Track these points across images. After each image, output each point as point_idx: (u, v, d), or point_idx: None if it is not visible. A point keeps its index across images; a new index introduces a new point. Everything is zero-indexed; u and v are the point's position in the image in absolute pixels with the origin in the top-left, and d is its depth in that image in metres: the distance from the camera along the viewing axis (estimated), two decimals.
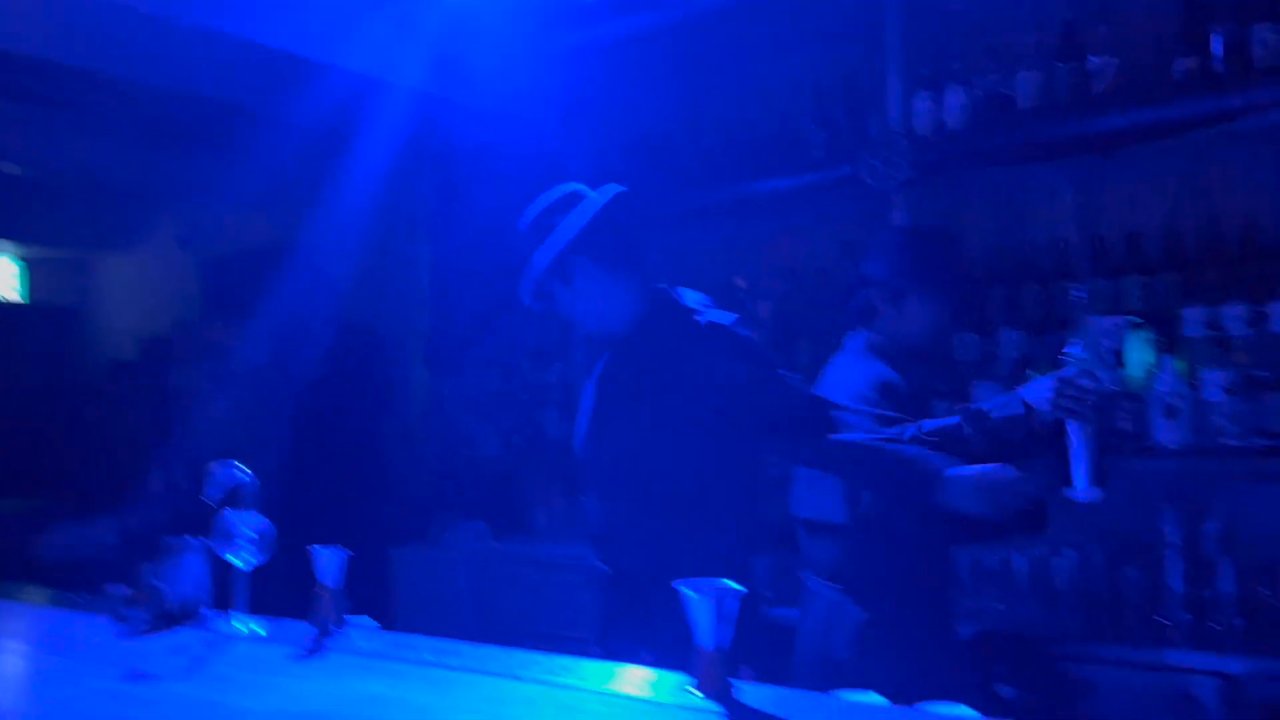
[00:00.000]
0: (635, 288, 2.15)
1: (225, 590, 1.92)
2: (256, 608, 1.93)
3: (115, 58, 3.60)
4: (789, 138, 3.62)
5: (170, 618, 1.94)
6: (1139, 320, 3.05)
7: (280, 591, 2.00)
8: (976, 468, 1.94)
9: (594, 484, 2.13)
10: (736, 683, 1.36)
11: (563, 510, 4.18)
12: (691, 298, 2.22)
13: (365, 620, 1.82)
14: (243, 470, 1.88)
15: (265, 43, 3.34)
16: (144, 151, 5.16)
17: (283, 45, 3.41)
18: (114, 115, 4.72)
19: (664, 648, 1.53)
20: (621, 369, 2.14)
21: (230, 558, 1.86)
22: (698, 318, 2.09)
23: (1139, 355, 3.04)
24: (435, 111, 3.90)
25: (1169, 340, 2.93)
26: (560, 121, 4.01)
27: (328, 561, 1.76)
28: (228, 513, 1.88)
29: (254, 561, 1.86)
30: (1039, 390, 2.01)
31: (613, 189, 2.18)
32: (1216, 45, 2.86)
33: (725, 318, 2.11)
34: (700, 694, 1.36)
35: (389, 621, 4.29)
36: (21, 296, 6.89)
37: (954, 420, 2.05)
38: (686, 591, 1.35)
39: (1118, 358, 2.98)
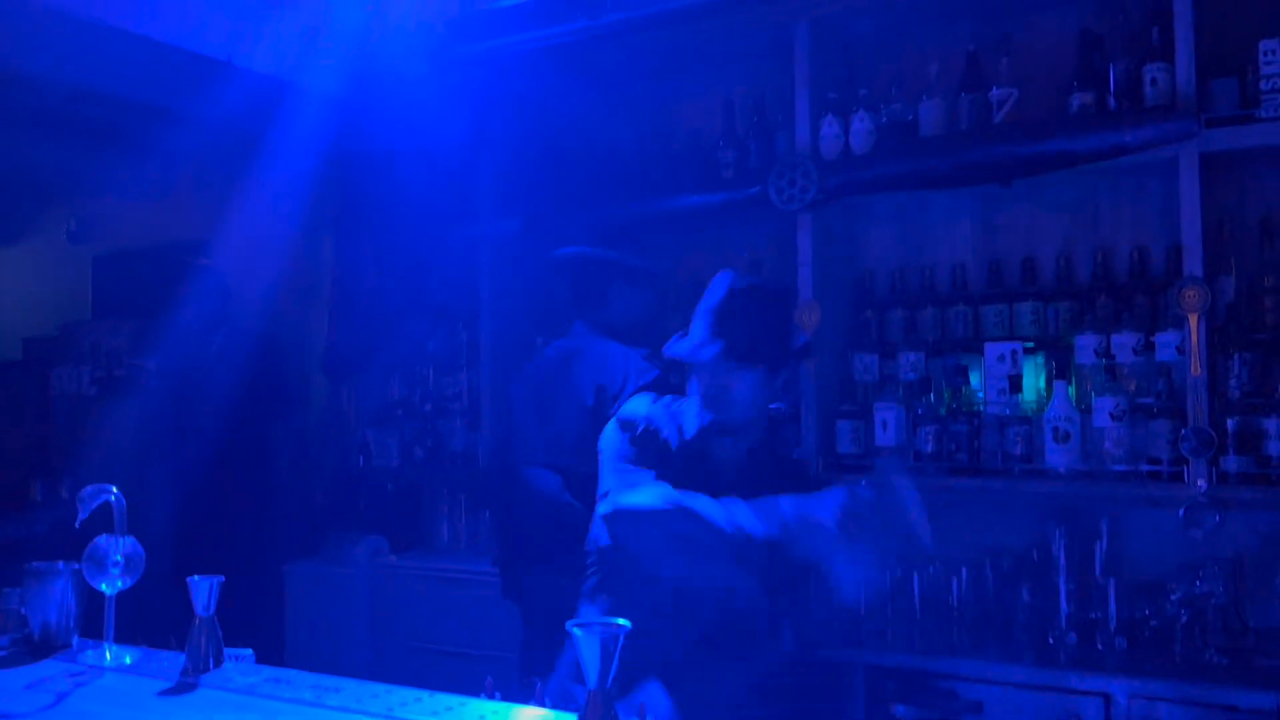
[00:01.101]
0: None
1: (94, 618, 1.82)
2: (138, 635, 1.84)
3: (7, 50, 3.43)
4: (702, 155, 3.63)
5: (34, 646, 1.83)
6: (1032, 345, 3.15)
7: (163, 611, 1.91)
8: None
9: None
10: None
11: (465, 525, 4.12)
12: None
13: (244, 652, 1.74)
14: (112, 492, 1.79)
15: (168, 40, 3.23)
16: (34, 141, 4.93)
17: (187, 44, 3.29)
18: (3, 107, 4.51)
19: None
20: None
21: (101, 585, 1.77)
22: None
23: (1031, 380, 3.13)
24: (342, 115, 3.80)
25: (1061, 366, 3.01)
26: (470, 131, 3.95)
27: (202, 590, 1.68)
28: (101, 538, 1.78)
29: (120, 586, 1.78)
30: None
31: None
32: (1111, 82, 2.95)
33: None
34: None
35: (282, 638, 4.20)
36: None
37: None
38: (575, 631, 1.32)
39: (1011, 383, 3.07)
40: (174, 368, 4.34)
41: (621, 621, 1.35)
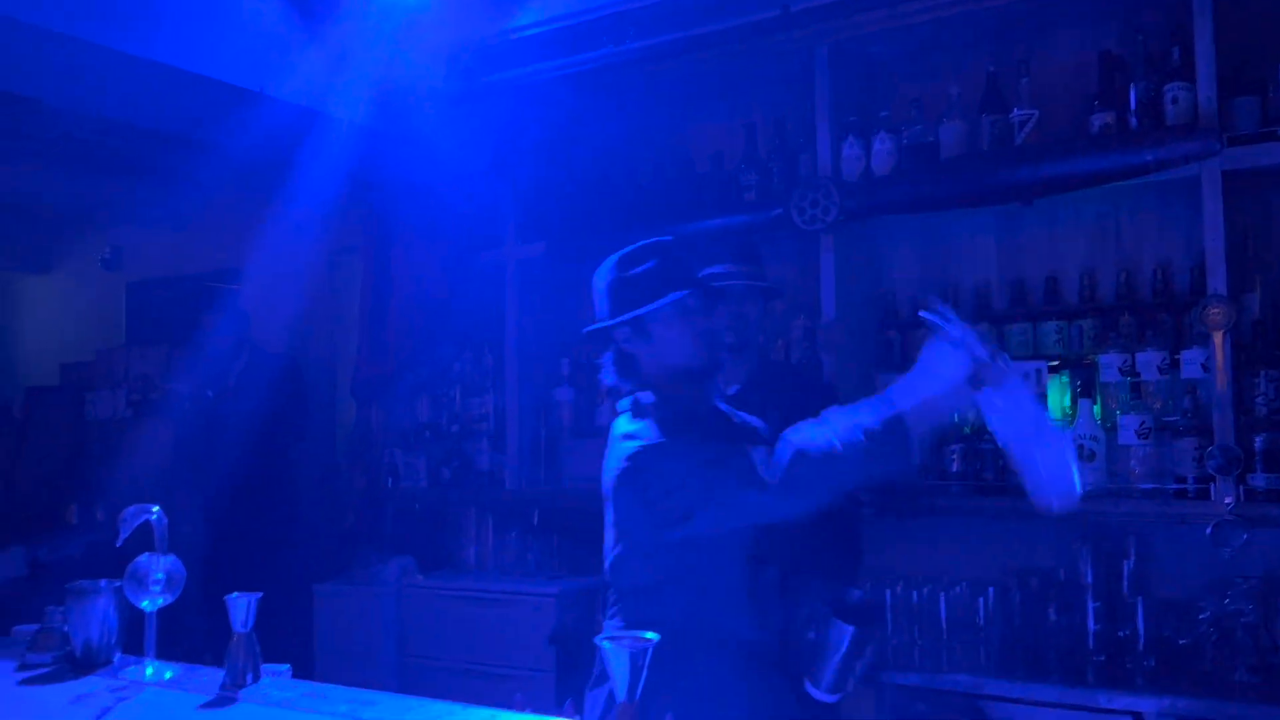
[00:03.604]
0: None
1: (135, 636, 1.86)
2: (170, 652, 1.88)
3: (39, 83, 3.51)
4: (724, 178, 3.67)
5: (76, 663, 1.88)
6: (1056, 364, 3.15)
7: (199, 633, 1.95)
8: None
9: None
10: None
11: (492, 544, 4.15)
12: None
13: (280, 668, 1.78)
14: (153, 512, 1.84)
15: (201, 72, 3.30)
16: (69, 173, 5.05)
17: (220, 75, 3.36)
18: (36, 137, 4.62)
19: None
20: None
21: (142, 603, 1.81)
22: None
23: (1056, 398, 3.13)
24: (369, 143, 3.87)
25: (1085, 384, 3.01)
26: (494, 157, 4.01)
27: (240, 608, 1.72)
28: (143, 557, 1.83)
29: (161, 603, 1.82)
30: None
31: None
32: (1132, 101, 2.97)
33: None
34: None
35: (311, 658, 4.23)
36: None
37: None
38: (604, 645, 1.35)
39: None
40: (203, 392, 4.40)
41: (650, 635, 1.37)
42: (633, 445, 2.02)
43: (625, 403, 2.18)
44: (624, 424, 2.13)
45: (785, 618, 2.14)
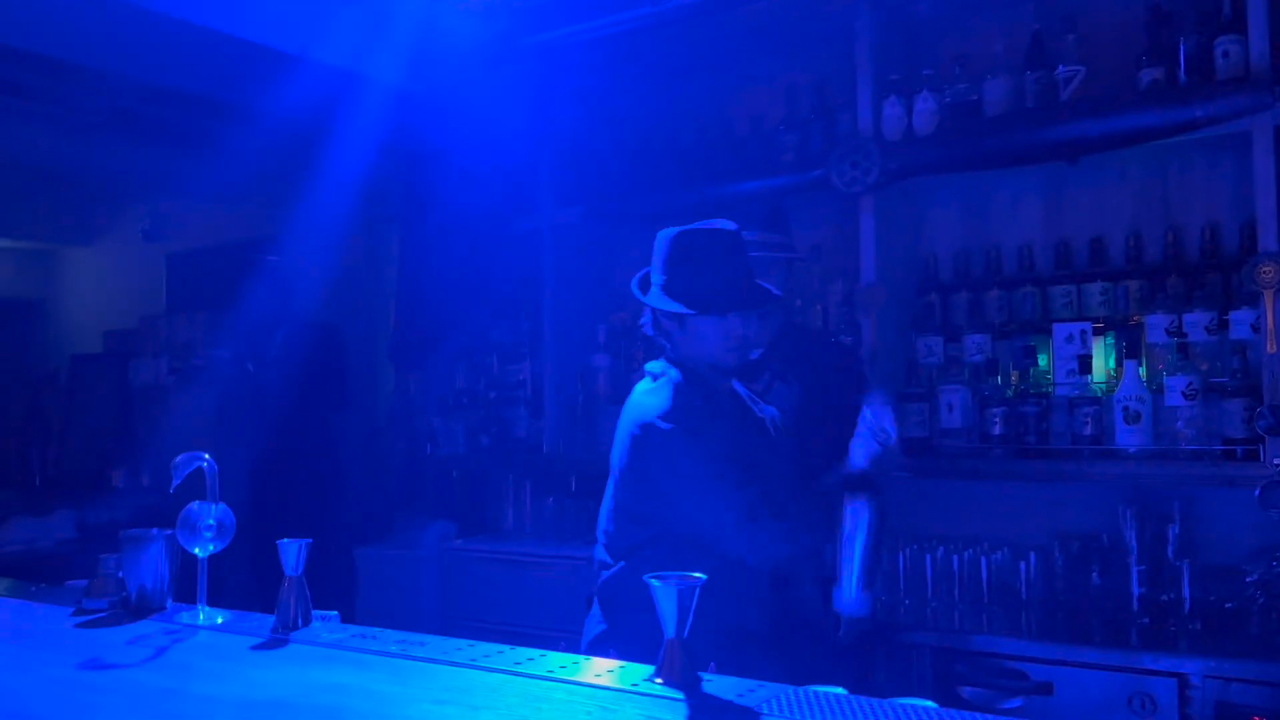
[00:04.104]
0: None
1: (187, 581, 1.90)
2: (217, 600, 1.91)
3: (81, 46, 3.55)
4: (762, 140, 3.64)
5: (131, 608, 1.91)
6: (1101, 326, 3.11)
7: (240, 590, 1.98)
8: None
9: None
10: (700, 673, 1.36)
11: (530, 509, 4.17)
12: None
13: (329, 614, 1.81)
14: (205, 459, 1.86)
15: (236, 34, 3.31)
16: (110, 142, 5.09)
17: (260, 38, 3.37)
18: (79, 105, 4.66)
19: None
20: None
21: (194, 549, 1.84)
22: None
23: (1101, 361, 3.09)
24: (407, 108, 3.88)
25: (1131, 345, 2.98)
26: (532, 120, 4.00)
27: (291, 552, 1.74)
28: (194, 504, 1.86)
29: (213, 549, 1.85)
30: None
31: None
32: (1181, 56, 2.91)
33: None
34: (662, 682, 1.36)
35: (353, 619, 4.28)
36: None
37: None
38: (652, 582, 1.35)
39: (1081, 363, 3.04)
40: (244, 359, 4.45)
41: (697, 575, 1.38)
42: (649, 416, 2.13)
43: (656, 365, 2.22)
44: (645, 386, 2.22)
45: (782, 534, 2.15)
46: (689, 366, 2.20)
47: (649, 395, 2.16)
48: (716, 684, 1.34)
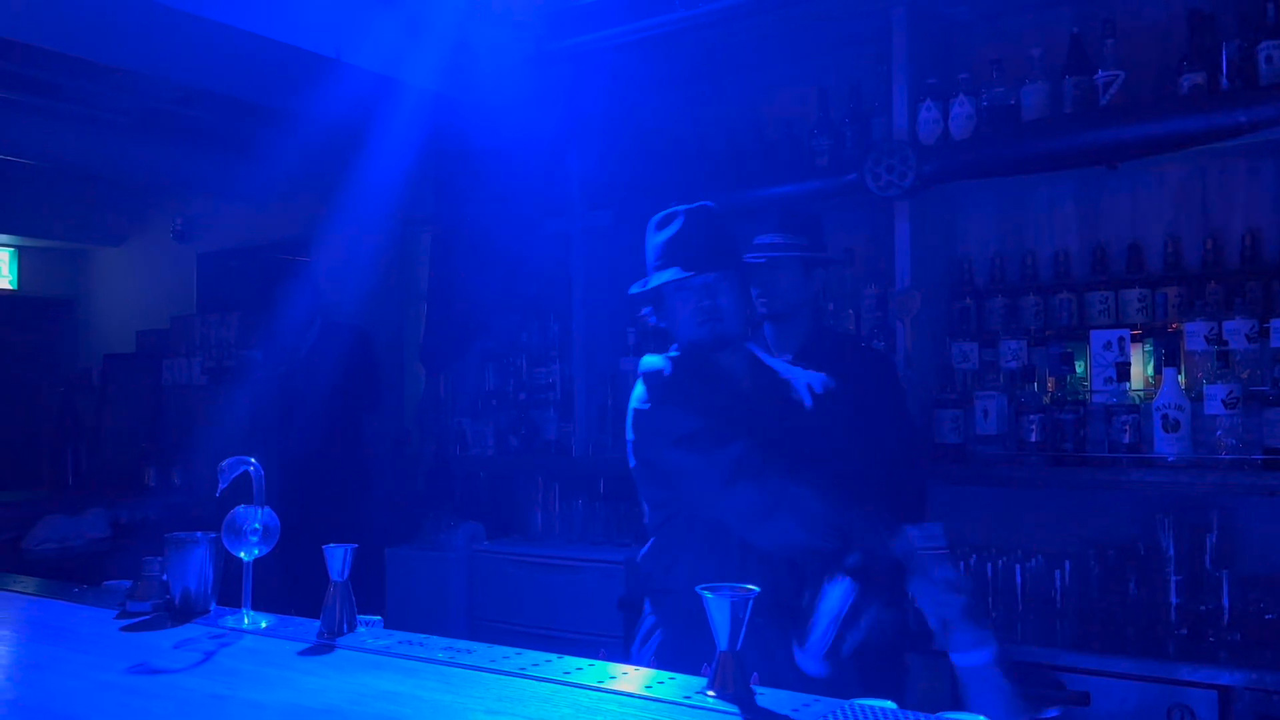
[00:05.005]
0: None
1: (232, 585, 1.91)
2: (260, 604, 1.92)
3: (116, 49, 3.57)
4: (795, 144, 3.63)
5: (175, 611, 1.93)
6: (1139, 332, 3.09)
7: (271, 591, 1.99)
8: None
9: None
10: (753, 686, 1.36)
11: (559, 512, 4.18)
12: None
13: (373, 619, 1.81)
14: (251, 463, 1.87)
15: (273, 37, 3.32)
16: (143, 144, 5.15)
17: (296, 41, 3.38)
18: (113, 107, 4.71)
19: None
20: None
21: (239, 553, 1.85)
22: None
23: (1139, 368, 3.07)
24: (439, 111, 3.89)
25: (1170, 353, 2.95)
26: (563, 124, 4.01)
27: (336, 557, 1.75)
28: (240, 508, 1.86)
29: (258, 553, 1.86)
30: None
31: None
32: (1224, 61, 2.88)
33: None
34: (715, 695, 1.36)
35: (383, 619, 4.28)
36: (13, 285, 6.86)
37: None
38: (705, 594, 1.35)
39: (1119, 370, 3.01)
40: (275, 360, 4.47)
41: (751, 587, 1.37)
42: (633, 402, 2.17)
43: (655, 358, 2.22)
44: (645, 361, 2.23)
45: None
46: (685, 348, 2.20)
47: (638, 383, 2.19)
48: (770, 697, 1.33)
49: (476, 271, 4.34)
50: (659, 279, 2.14)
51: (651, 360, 2.20)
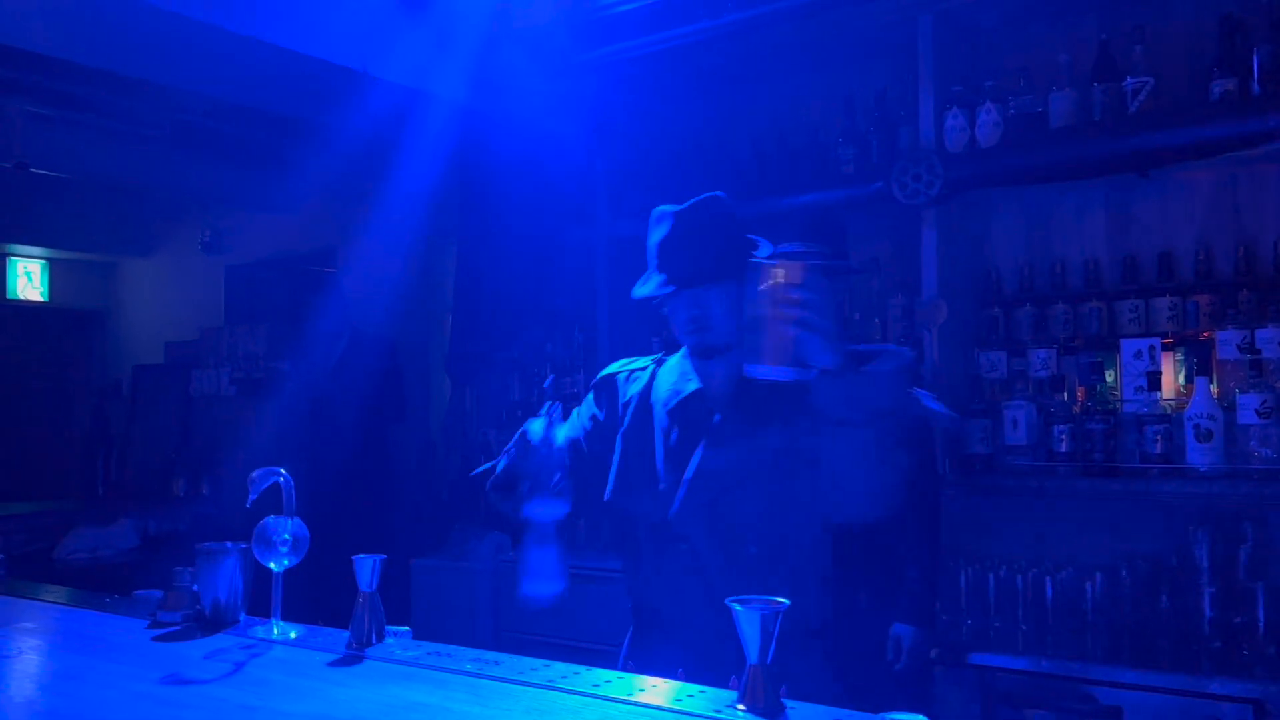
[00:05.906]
0: None
1: (260, 596, 1.91)
2: (289, 614, 1.93)
3: (146, 63, 3.62)
4: (821, 153, 3.62)
5: (205, 622, 1.93)
6: (1170, 341, 3.05)
7: (297, 601, 1.99)
8: None
9: None
10: (783, 700, 1.35)
11: (584, 523, 4.17)
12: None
13: (402, 629, 1.81)
14: (281, 474, 1.88)
15: (302, 51, 3.35)
16: (172, 157, 5.20)
17: (324, 55, 3.41)
18: (143, 120, 4.77)
19: None
20: None
21: (269, 564, 1.86)
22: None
23: (1170, 377, 3.03)
24: (466, 123, 3.91)
25: (1202, 362, 2.91)
26: (588, 135, 4.02)
27: (365, 568, 1.75)
28: (270, 519, 1.87)
29: (288, 564, 1.86)
30: None
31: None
32: (1255, 67, 2.85)
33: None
34: (745, 709, 1.35)
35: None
36: (43, 297, 6.95)
37: None
38: (735, 607, 1.34)
39: (1150, 379, 2.97)
40: (304, 371, 4.51)
41: (781, 600, 1.36)
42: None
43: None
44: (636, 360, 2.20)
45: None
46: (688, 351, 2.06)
47: None
48: (800, 711, 1.32)
49: (502, 282, 4.35)
50: (641, 291, 2.03)
51: (639, 361, 2.18)
